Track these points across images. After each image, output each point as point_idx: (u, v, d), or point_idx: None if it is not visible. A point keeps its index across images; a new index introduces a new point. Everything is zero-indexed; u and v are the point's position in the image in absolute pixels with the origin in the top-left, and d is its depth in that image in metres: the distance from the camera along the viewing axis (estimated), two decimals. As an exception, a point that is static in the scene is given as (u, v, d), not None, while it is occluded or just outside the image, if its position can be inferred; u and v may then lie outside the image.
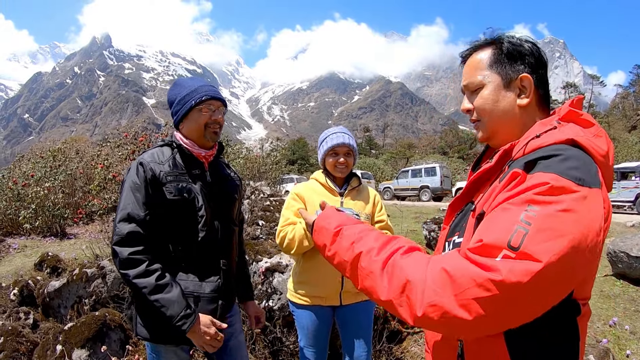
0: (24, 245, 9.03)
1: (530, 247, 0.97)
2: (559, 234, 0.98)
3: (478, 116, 1.44)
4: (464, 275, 1.01)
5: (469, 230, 1.29)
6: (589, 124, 1.26)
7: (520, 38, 1.41)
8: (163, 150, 2.30)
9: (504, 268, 0.97)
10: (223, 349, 2.39)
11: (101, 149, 14.25)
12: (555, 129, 1.23)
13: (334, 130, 3.14)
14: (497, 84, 1.38)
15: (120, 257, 2.03)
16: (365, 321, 3.04)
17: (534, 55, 1.38)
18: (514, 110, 1.37)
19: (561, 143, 1.17)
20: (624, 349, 4.59)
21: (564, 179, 1.05)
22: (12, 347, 3.79)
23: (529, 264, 0.96)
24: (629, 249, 6.21)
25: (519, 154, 1.24)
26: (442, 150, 75.70)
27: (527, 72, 1.36)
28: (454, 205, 1.53)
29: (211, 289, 2.22)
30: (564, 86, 77.09)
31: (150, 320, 2.16)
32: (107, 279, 4.48)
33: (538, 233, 0.98)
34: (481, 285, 0.98)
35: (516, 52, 1.38)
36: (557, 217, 1.00)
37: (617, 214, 15.73)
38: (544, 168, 1.09)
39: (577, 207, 1.02)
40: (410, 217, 13.01)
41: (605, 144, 1.23)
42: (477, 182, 1.42)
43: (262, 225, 6.91)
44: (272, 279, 4.35)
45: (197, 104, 2.27)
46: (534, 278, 0.95)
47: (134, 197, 2.12)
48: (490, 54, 1.41)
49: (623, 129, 49.28)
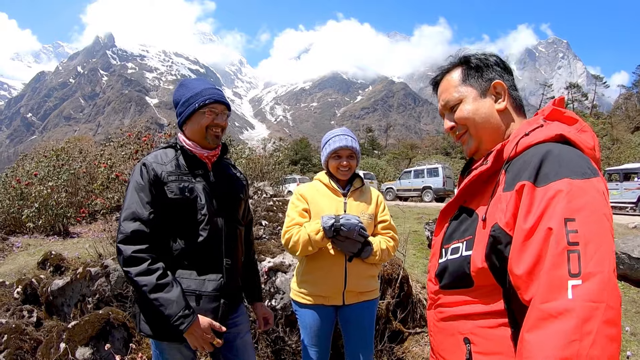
0: (27, 244, 9.05)
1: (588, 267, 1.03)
2: (601, 238, 1.06)
3: (463, 128, 1.52)
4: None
5: (480, 242, 1.30)
6: (573, 120, 1.31)
7: (484, 53, 1.53)
8: (166, 152, 2.35)
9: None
10: (229, 348, 2.43)
11: (104, 148, 14.25)
12: (542, 127, 1.29)
13: (337, 132, 3.16)
14: (473, 95, 1.48)
15: (123, 255, 2.08)
16: (368, 321, 3.06)
17: (499, 64, 1.49)
18: (493, 115, 1.46)
19: (551, 139, 1.23)
20: (625, 350, 4.60)
21: (576, 180, 1.11)
22: (15, 344, 3.80)
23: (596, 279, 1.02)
24: (630, 251, 6.22)
25: (511, 153, 1.29)
26: (445, 150, 75.53)
27: (497, 79, 1.45)
28: (446, 211, 1.56)
29: (213, 287, 2.24)
30: (567, 87, 77.00)
31: (153, 317, 2.19)
32: (110, 277, 4.50)
33: (587, 247, 1.04)
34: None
35: (483, 64, 1.49)
36: (596, 221, 1.07)
37: (619, 216, 15.70)
38: (555, 176, 1.13)
39: (598, 201, 1.10)
40: (412, 218, 13.01)
41: (591, 138, 1.28)
42: (472, 185, 1.44)
43: (265, 226, 6.93)
44: (275, 278, 4.37)
45: (200, 106, 2.30)
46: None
47: (138, 197, 2.17)
48: (460, 71, 1.53)
49: (626, 130, 49.11)
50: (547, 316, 1.02)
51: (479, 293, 1.31)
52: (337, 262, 2.92)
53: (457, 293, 1.39)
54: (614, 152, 38.20)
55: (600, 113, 70.25)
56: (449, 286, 1.42)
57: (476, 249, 1.31)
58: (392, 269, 4.96)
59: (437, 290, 1.49)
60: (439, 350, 1.48)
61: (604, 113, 69.84)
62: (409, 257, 7.53)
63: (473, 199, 1.45)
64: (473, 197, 1.45)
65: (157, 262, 2.10)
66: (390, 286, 4.84)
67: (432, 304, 1.55)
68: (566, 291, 1.01)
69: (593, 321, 0.96)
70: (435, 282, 1.50)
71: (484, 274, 1.28)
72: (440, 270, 1.47)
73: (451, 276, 1.40)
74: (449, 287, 1.42)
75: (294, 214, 3.05)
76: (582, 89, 78.75)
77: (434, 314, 1.52)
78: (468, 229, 1.39)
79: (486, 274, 1.27)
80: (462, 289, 1.37)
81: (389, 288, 4.82)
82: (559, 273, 1.04)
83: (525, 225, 1.14)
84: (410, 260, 7.62)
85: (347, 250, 2.89)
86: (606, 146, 42.06)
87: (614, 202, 19.52)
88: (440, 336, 1.47)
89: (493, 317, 1.27)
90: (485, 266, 1.27)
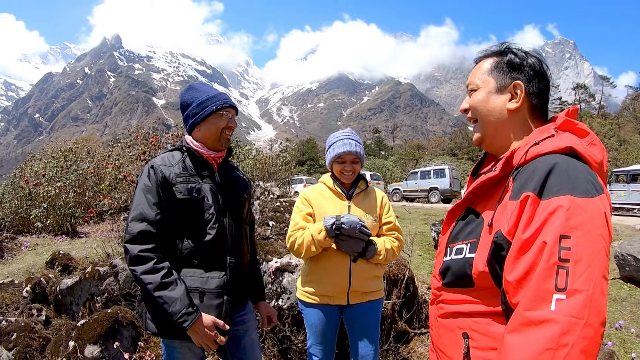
0: (35, 244, 9.12)
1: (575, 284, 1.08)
2: (592, 259, 1.10)
3: (473, 116, 1.55)
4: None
5: (484, 246, 1.35)
6: (584, 133, 1.33)
7: (528, 52, 1.52)
8: (173, 154, 2.44)
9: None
10: (236, 346, 2.52)
11: (112, 149, 14.32)
12: (553, 137, 1.31)
13: (341, 135, 3.18)
14: (490, 87, 1.50)
15: (130, 254, 2.15)
16: (373, 320, 3.09)
17: (533, 68, 1.47)
18: (502, 113, 1.47)
19: (560, 150, 1.25)
20: (630, 352, 4.60)
21: (578, 198, 1.14)
22: (24, 342, 3.85)
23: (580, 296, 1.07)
24: (636, 252, 6.21)
25: (520, 160, 1.31)
26: (452, 151, 75.44)
27: (521, 81, 1.45)
28: (454, 211, 1.60)
29: (216, 284, 2.30)
30: (574, 87, 76.75)
31: (158, 315, 2.25)
32: (119, 277, 4.54)
33: (577, 265, 1.09)
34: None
35: (517, 62, 1.48)
36: (590, 241, 1.11)
37: (627, 217, 15.64)
38: (557, 192, 1.17)
39: (596, 221, 1.13)
40: (419, 219, 13.03)
41: (599, 152, 1.30)
42: (480, 189, 1.48)
43: (272, 226, 6.95)
44: (281, 278, 4.40)
45: (218, 109, 2.40)
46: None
47: (146, 199, 2.25)
48: (493, 60, 1.53)
49: (633, 131, 48.89)
50: (528, 322, 1.09)
51: (480, 294, 1.36)
52: (341, 263, 2.96)
53: (458, 292, 1.44)
54: (621, 153, 38.00)
55: (608, 114, 69.88)
56: (451, 284, 1.47)
57: (479, 252, 1.35)
58: (398, 270, 4.98)
59: (439, 286, 1.54)
60: (438, 344, 1.53)
61: (612, 114, 69.47)
62: (415, 258, 7.54)
63: (480, 201, 1.48)
64: (480, 200, 1.48)
65: (162, 261, 2.17)
66: (396, 286, 4.86)
67: (434, 300, 1.59)
68: (550, 303, 1.07)
69: (570, 335, 1.02)
70: (439, 278, 1.55)
71: (484, 277, 1.32)
72: (444, 268, 1.51)
73: (453, 275, 1.45)
74: (451, 285, 1.47)
75: (298, 218, 3.10)
76: (589, 89, 78.44)
77: (435, 309, 1.57)
78: (473, 232, 1.43)
79: (486, 277, 1.32)
80: (463, 288, 1.41)
81: (394, 288, 4.84)
82: (546, 285, 1.09)
83: (524, 236, 1.18)
84: (416, 261, 7.63)
85: (351, 250, 2.92)
86: (613, 147, 41.88)
87: (621, 203, 19.45)
88: (440, 330, 1.51)
89: (491, 316, 1.32)
90: (486, 270, 1.31)
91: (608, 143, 43.02)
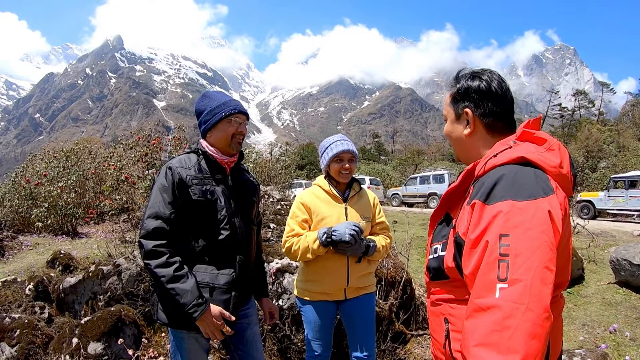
0: (36, 243, 9.18)
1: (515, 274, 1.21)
2: (532, 252, 1.22)
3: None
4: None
5: (451, 245, 1.53)
6: (542, 140, 1.48)
7: (475, 74, 1.67)
8: (190, 157, 2.56)
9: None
10: (239, 338, 2.65)
11: (114, 150, 14.38)
12: (510, 149, 1.46)
13: (336, 138, 3.31)
14: (452, 118, 1.71)
15: (145, 249, 2.28)
16: (368, 312, 3.23)
17: (479, 91, 1.62)
18: (462, 139, 1.68)
19: (513, 161, 1.40)
20: (623, 355, 4.65)
21: (519, 202, 1.29)
22: (27, 339, 3.91)
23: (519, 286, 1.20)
24: (631, 257, 6.27)
25: (480, 171, 1.47)
26: (451, 157, 75.14)
27: (468, 107, 1.63)
28: (435, 216, 1.78)
29: (225, 280, 2.43)
30: (574, 93, 76.63)
31: (169, 306, 2.38)
32: (122, 276, 4.60)
33: (516, 259, 1.22)
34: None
35: (464, 90, 1.65)
36: (528, 238, 1.24)
37: (625, 223, 15.68)
38: (500, 198, 1.32)
39: (536, 219, 1.26)
40: (417, 224, 13.05)
41: (557, 156, 1.44)
42: (450, 197, 1.67)
43: (273, 229, 7.02)
44: (282, 279, 4.47)
45: (227, 115, 2.53)
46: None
47: (162, 197, 2.37)
48: (451, 92, 1.73)
49: (633, 137, 48.75)
50: (478, 309, 1.23)
51: (454, 285, 1.54)
52: (340, 262, 3.08)
53: (439, 284, 1.63)
54: (620, 160, 37.93)
55: (607, 120, 69.76)
56: (434, 278, 1.65)
57: (448, 250, 1.54)
58: (395, 272, 5.05)
59: (428, 281, 1.72)
60: (431, 329, 1.70)
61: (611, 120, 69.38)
62: (413, 262, 7.60)
63: (454, 207, 1.66)
64: (454, 206, 1.66)
65: (174, 256, 2.29)
66: (393, 288, 4.92)
67: (427, 293, 1.77)
68: (494, 292, 1.21)
69: (513, 319, 1.15)
70: (427, 274, 1.73)
71: (452, 271, 1.50)
72: (429, 266, 1.69)
73: (434, 270, 1.64)
74: (434, 278, 1.65)
75: (293, 224, 3.20)
76: (589, 95, 78.24)
77: (429, 301, 1.73)
78: (445, 233, 1.61)
79: (454, 272, 1.49)
80: (442, 280, 1.60)
81: (392, 290, 4.90)
82: (490, 277, 1.23)
83: (472, 236, 1.35)
84: (414, 265, 7.69)
85: (355, 253, 3.05)
86: (613, 153, 41.84)
87: (619, 209, 19.47)
88: (431, 317, 1.69)
89: (463, 303, 1.46)
90: (452, 265, 1.49)
91: (607, 149, 42.99)
